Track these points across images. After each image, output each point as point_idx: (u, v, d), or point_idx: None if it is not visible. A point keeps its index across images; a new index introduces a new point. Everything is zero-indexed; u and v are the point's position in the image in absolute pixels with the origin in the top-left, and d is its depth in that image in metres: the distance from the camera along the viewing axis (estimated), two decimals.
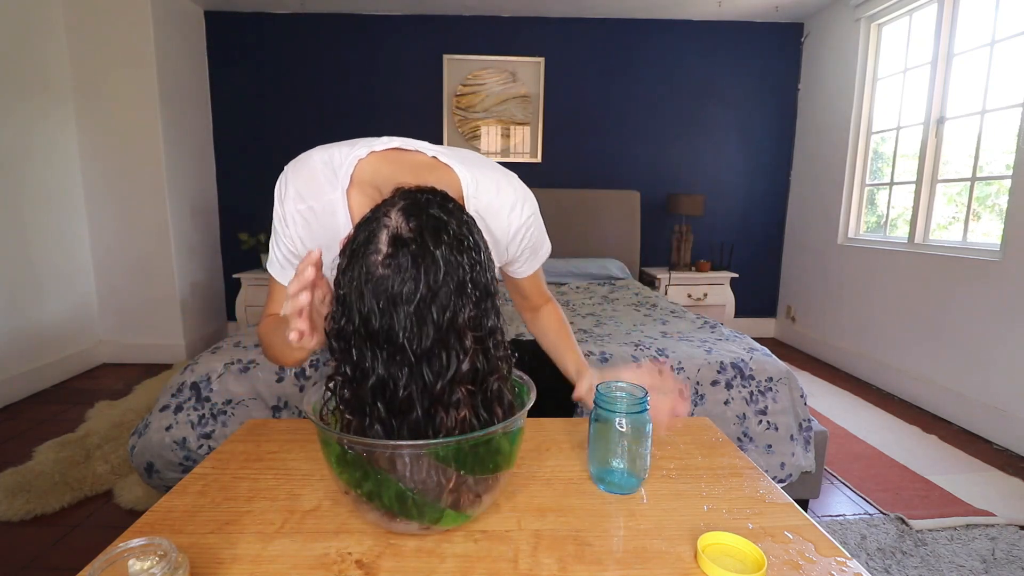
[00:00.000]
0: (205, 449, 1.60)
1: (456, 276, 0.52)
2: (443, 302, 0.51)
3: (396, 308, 0.50)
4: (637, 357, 1.75)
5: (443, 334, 0.51)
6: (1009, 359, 2.30)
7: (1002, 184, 2.51)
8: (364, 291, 0.51)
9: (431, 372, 0.51)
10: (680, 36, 3.83)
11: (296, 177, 0.76)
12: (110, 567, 0.45)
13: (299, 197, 0.76)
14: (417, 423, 0.52)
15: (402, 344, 0.51)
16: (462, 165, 0.76)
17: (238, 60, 3.75)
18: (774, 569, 0.54)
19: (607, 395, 0.71)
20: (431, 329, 0.51)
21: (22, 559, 1.51)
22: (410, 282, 0.50)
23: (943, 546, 1.59)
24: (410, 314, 0.50)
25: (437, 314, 0.51)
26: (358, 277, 0.52)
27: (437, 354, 0.51)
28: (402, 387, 0.51)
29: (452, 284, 0.52)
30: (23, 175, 2.79)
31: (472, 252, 0.55)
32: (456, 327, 0.52)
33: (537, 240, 0.86)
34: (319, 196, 0.75)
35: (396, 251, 0.51)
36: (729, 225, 4.06)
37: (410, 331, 0.50)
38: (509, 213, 0.80)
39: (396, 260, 0.51)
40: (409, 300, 0.50)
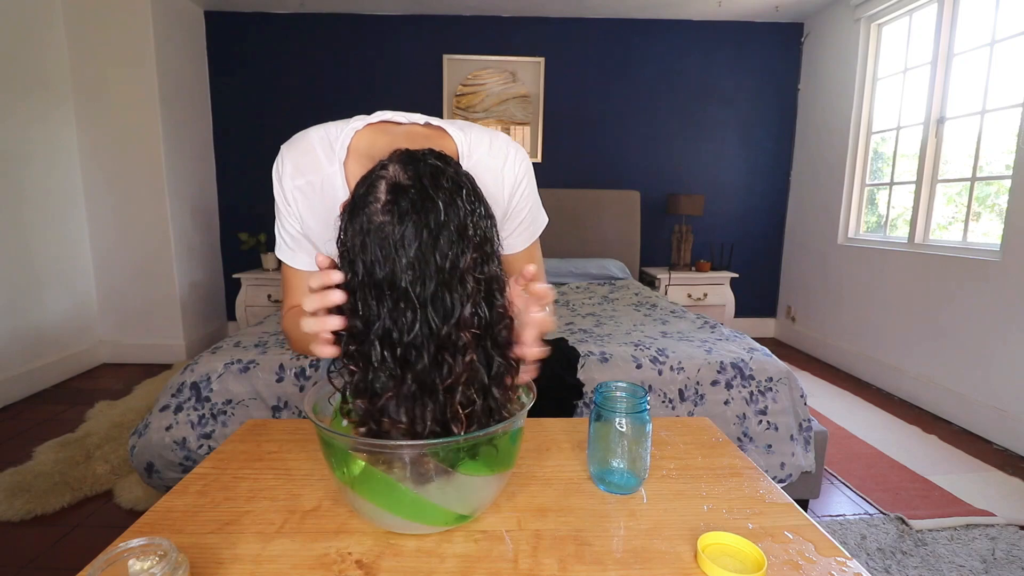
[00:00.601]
0: (205, 449, 1.60)
1: (456, 219, 0.52)
2: (444, 246, 0.51)
3: (398, 253, 0.50)
4: (637, 357, 1.75)
5: (446, 277, 0.51)
6: (1009, 359, 2.30)
7: (1002, 184, 2.51)
8: (366, 241, 0.51)
9: (436, 316, 0.51)
10: (680, 36, 3.83)
11: (292, 153, 0.77)
12: (110, 567, 0.45)
13: (297, 172, 0.76)
14: (424, 371, 0.51)
15: (405, 289, 0.50)
16: (455, 127, 0.78)
17: (238, 60, 3.75)
18: (774, 569, 0.54)
19: (607, 395, 0.71)
20: (434, 273, 0.51)
21: (22, 559, 1.51)
22: (410, 226, 0.50)
23: (943, 546, 1.59)
24: (412, 259, 0.50)
25: (439, 258, 0.51)
26: (359, 228, 0.52)
27: (441, 298, 0.51)
28: (406, 332, 0.51)
29: (453, 227, 0.52)
30: (23, 175, 2.79)
31: (471, 198, 0.55)
32: (459, 270, 0.52)
33: (534, 204, 0.85)
34: (317, 170, 0.75)
35: (395, 198, 0.52)
36: (729, 225, 4.06)
37: (413, 276, 0.50)
38: (503, 166, 0.79)
39: (395, 206, 0.51)
40: (410, 245, 0.50)
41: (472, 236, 0.53)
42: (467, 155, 0.77)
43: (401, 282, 0.50)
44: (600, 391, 0.71)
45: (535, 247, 0.90)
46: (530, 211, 0.85)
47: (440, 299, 0.51)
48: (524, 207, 0.83)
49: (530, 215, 0.85)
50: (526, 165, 0.82)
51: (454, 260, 0.51)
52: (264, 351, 1.75)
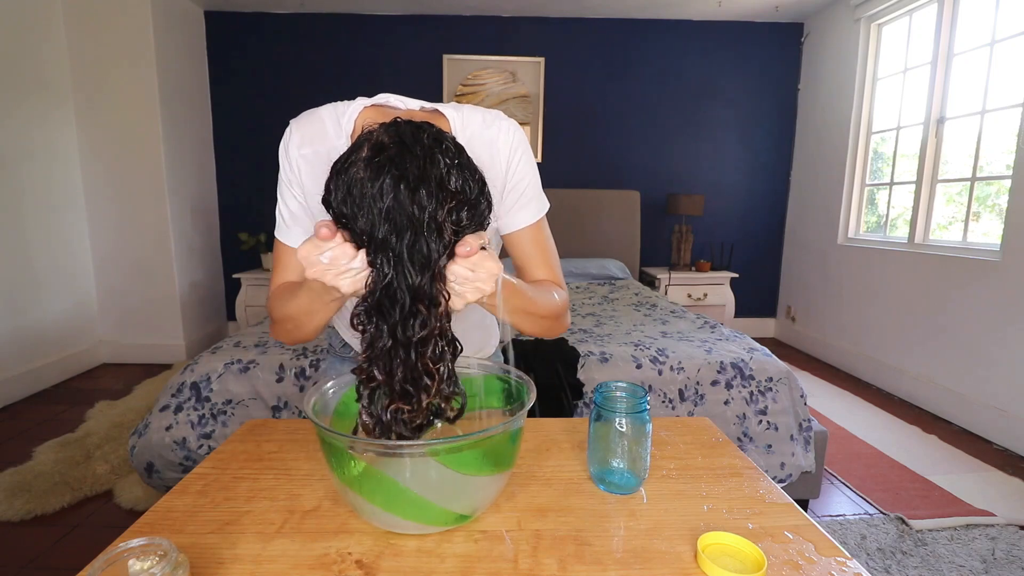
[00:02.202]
0: (205, 449, 1.60)
1: (436, 173, 0.53)
2: (423, 198, 0.52)
3: (376, 205, 0.51)
4: (637, 357, 1.75)
5: (423, 228, 0.52)
6: (1009, 359, 2.30)
7: (1002, 184, 2.51)
8: (347, 196, 0.53)
9: (413, 268, 0.52)
10: (680, 36, 3.83)
11: (301, 125, 0.78)
12: (110, 567, 0.45)
13: (304, 142, 0.77)
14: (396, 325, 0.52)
15: (383, 240, 0.52)
16: (449, 107, 0.79)
17: (238, 60, 3.75)
18: (774, 569, 0.54)
19: (607, 395, 0.71)
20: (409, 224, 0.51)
21: (22, 559, 1.51)
22: (388, 179, 0.52)
23: (943, 546, 1.59)
24: (389, 210, 0.51)
25: (417, 210, 0.52)
26: (341, 184, 0.54)
27: (419, 249, 0.52)
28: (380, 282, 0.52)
29: (432, 180, 0.53)
30: (23, 175, 2.79)
31: (451, 154, 0.56)
32: (437, 222, 0.52)
33: (533, 178, 0.83)
34: (324, 141, 0.77)
35: (375, 155, 0.53)
36: (729, 225, 4.06)
37: (389, 227, 0.51)
38: (497, 137, 0.79)
39: (375, 162, 0.53)
40: (387, 196, 0.51)
41: (453, 190, 0.54)
42: (460, 130, 0.78)
43: (379, 233, 0.51)
44: (600, 391, 0.71)
45: (541, 231, 0.85)
46: (530, 184, 0.82)
47: (418, 250, 0.52)
48: (523, 179, 0.81)
49: (531, 189, 0.82)
50: (520, 136, 0.81)
51: (432, 212, 0.52)
52: (264, 351, 1.75)
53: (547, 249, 0.86)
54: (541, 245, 0.85)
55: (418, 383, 0.53)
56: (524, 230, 0.83)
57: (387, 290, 0.52)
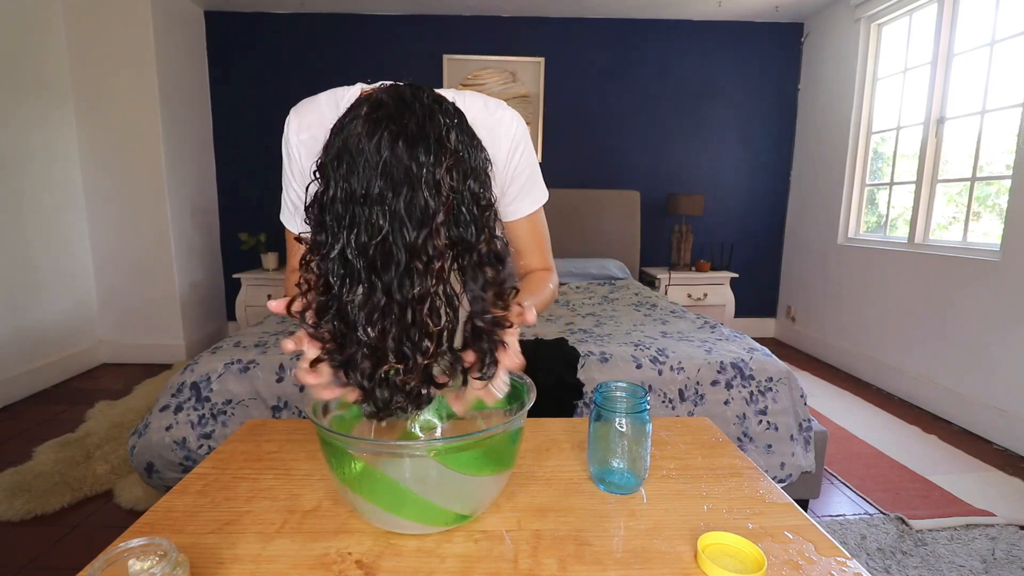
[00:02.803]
0: (205, 449, 1.60)
1: (435, 131, 0.52)
2: (421, 155, 0.51)
3: (371, 161, 0.50)
4: (637, 357, 1.75)
5: (421, 184, 0.50)
6: (1009, 359, 2.30)
7: (1002, 184, 2.51)
8: (342, 153, 0.52)
9: (410, 223, 0.50)
10: (680, 36, 3.83)
11: (299, 112, 0.79)
12: (110, 567, 0.45)
13: (302, 128, 0.78)
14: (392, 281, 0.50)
15: (379, 194, 0.50)
16: (450, 92, 0.80)
17: (238, 60, 3.75)
18: (774, 569, 0.54)
19: (607, 395, 0.71)
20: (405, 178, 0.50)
21: (22, 559, 1.51)
22: (386, 135, 0.51)
23: (943, 546, 1.59)
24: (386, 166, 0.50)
25: (415, 167, 0.50)
26: (338, 142, 0.53)
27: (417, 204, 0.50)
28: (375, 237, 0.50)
29: (431, 137, 0.52)
30: (23, 175, 2.79)
31: (452, 114, 0.55)
32: (435, 179, 0.51)
33: (534, 168, 0.84)
34: (321, 126, 0.77)
35: (373, 111, 0.52)
36: (729, 225, 4.06)
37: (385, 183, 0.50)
38: (498, 126, 0.80)
39: (372, 117, 0.52)
40: (384, 151, 0.50)
41: (452, 148, 0.53)
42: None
43: (374, 189, 0.50)
44: (600, 391, 0.71)
45: (538, 219, 0.88)
46: (531, 175, 0.84)
47: (415, 206, 0.50)
48: (525, 169, 0.83)
49: (531, 179, 0.84)
50: (522, 127, 0.82)
51: (431, 168, 0.51)
52: (264, 351, 1.75)
53: (542, 236, 0.90)
54: (537, 233, 0.88)
55: (415, 343, 0.51)
56: (523, 219, 0.85)
57: (382, 246, 0.50)
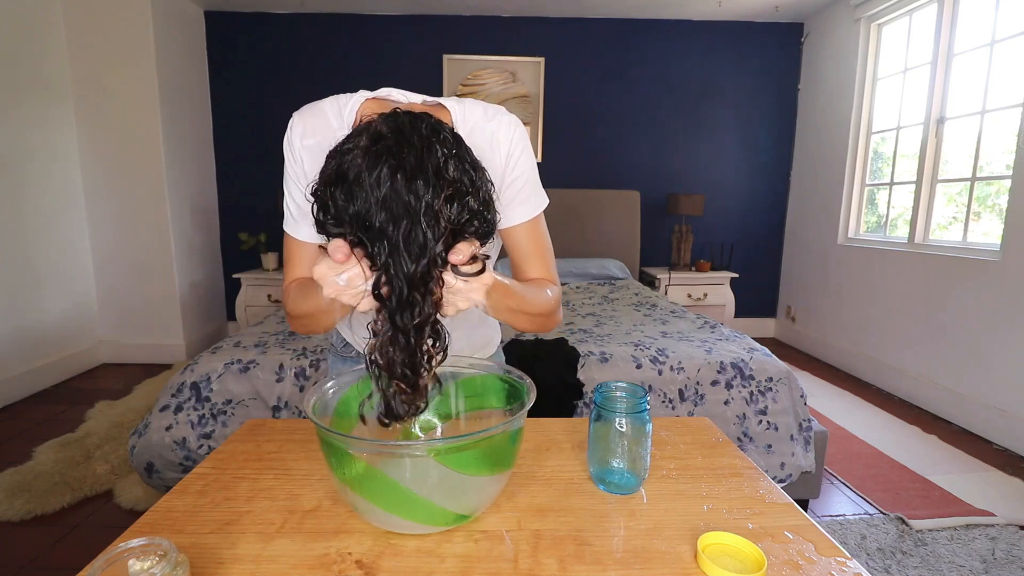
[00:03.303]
0: (205, 449, 1.60)
1: (433, 163, 0.53)
2: (419, 188, 0.52)
3: (372, 194, 0.51)
4: (637, 357, 1.75)
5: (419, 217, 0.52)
6: (1009, 359, 2.30)
7: (1002, 184, 2.51)
8: (340, 182, 0.53)
9: (409, 256, 0.51)
10: (680, 36, 3.83)
11: (303, 117, 0.79)
12: (110, 567, 0.45)
13: (306, 133, 0.78)
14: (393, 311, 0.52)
15: (379, 229, 0.51)
16: (450, 100, 0.80)
17: (238, 60, 3.75)
18: (774, 569, 0.54)
19: (607, 395, 0.71)
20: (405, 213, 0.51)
21: (22, 559, 1.51)
22: (385, 169, 0.52)
23: (943, 546, 1.59)
24: (385, 199, 0.51)
25: (413, 199, 0.51)
26: (337, 172, 0.54)
27: (415, 237, 0.52)
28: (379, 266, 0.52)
29: (429, 170, 0.53)
30: (23, 175, 2.79)
31: (450, 143, 0.56)
32: (433, 211, 0.52)
33: (532, 174, 0.84)
34: (326, 131, 0.77)
35: (372, 144, 0.53)
36: (729, 225, 4.06)
37: (386, 216, 0.51)
38: (497, 130, 0.80)
39: (372, 151, 0.53)
40: (383, 185, 0.51)
41: (450, 179, 0.54)
42: (461, 122, 0.79)
43: (375, 222, 0.51)
44: (600, 391, 0.71)
45: (539, 227, 0.86)
46: (528, 181, 0.83)
47: (413, 238, 0.51)
48: (522, 174, 0.82)
49: (529, 185, 0.83)
50: (521, 132, 0.82)
51: (429, 201, 0.52)
52: (264, 351, 1.75)
53: (543, 246, 0.86)
54: (538, 241, 0.85)
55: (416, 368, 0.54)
56: (521, 226, 0.83)
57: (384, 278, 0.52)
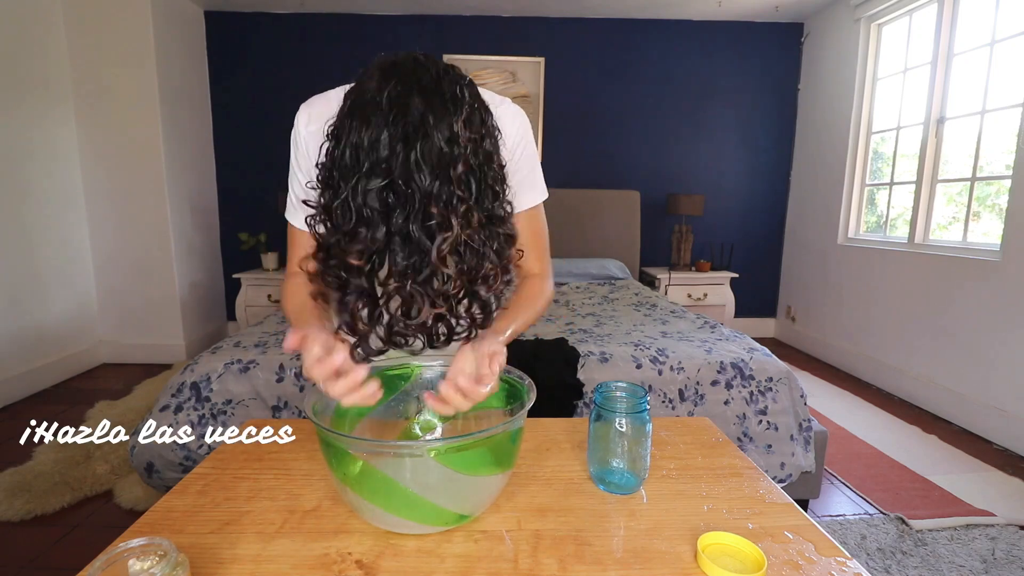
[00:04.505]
0: (205, 449, 1.60)
1: (448, 88, 0.53)
2: (436, 106, 0.52)
3: (387, 117, 0.51)
4: (637, 357, 1.75)
5: (437, 137, 0.51)
6: (1009, 359, 2.30)
7: (1002, 184, 2.51)
8: (355, 109, 0.53)
9: (427, 170, 0.51)
10: (680, 36, 3.83)
11: (310, 105, 0.80)
12: (110, 567, 0.45)
13: (311, 120, 0.79)
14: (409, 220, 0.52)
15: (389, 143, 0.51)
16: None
17: (238, 60, 3.75)
18: (774, 569, 0.54)
19: (607, 395, 0.71)
20: (421, 132, 0.51)
21: (22, 559, 1.51)
22: (401, 88, 0.52)
23: (943, 546, 1.59)
24: (401, 121, 0.51)
25: (432, 119, 0.51)
26: (353, 102, 0.54)
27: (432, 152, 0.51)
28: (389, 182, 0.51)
29: (446, 93, 0.53)
30: (23, 175, 2.79)
31: (463, 77, 0.56)
32: (452, 132, 0.52)
33: (535, 164, 0.86)
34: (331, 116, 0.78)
35: (388, 69, 0.54)
36: (729, 225, 4.06)
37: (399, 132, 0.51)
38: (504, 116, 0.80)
39: (387, 75, 0.53)
40: (398, 105, 0.51)
41: (468, 103, 0.54)
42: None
43: (385, 137, 0.51)
44: (600, 391, 0.71)
45: (538, 217, 0.89)
46: (531, 170, 0.86)
47: (430, 153, 0.51)
48: (526, 164, 0.84)
49: (532, 174, 0.86)
50: (526, 123, 0.84)
51: (447, 120, 0.52)
52: (264, 351, 1.75)
53: (541, 237, 0.89)
54: (536, 232, 0.88)
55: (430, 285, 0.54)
56: (522, 214, 0.85)
57: (393, 190, 0.52)
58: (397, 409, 0.76)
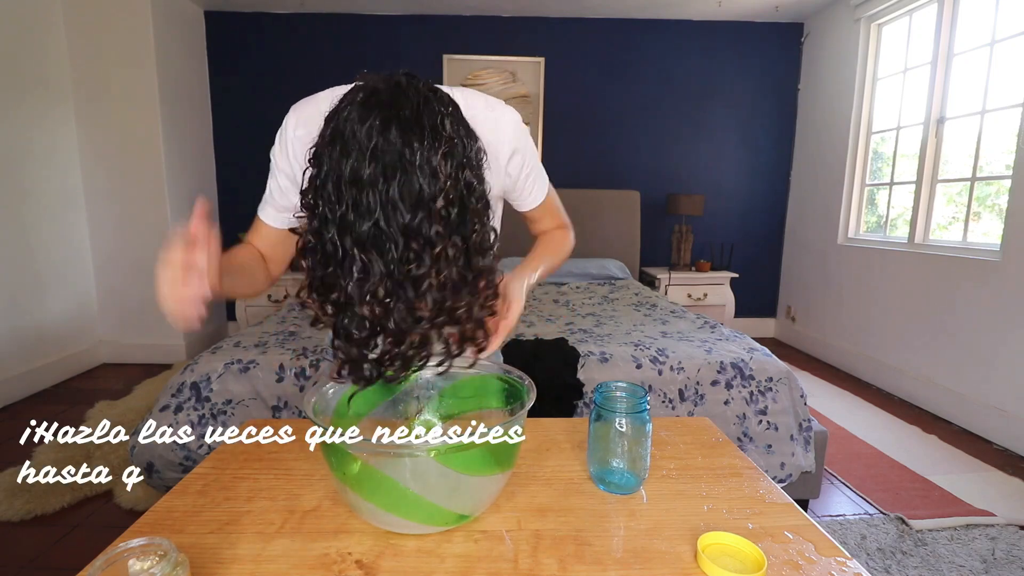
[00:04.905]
0: (205, 449, 1.60)
1: (429, 120, 0.53)
2: (414, 140, 0.51)
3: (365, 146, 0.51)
4: (637, 357, 1.75)
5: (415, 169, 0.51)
6: (1009, 359, 2.30)
7: (1002, 184, 2.51)
8: (335, 139, 0.52)
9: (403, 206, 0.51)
10: (680, 36, 3.83)
11: (298, 109, 0.80)
12: (110, 567, 0.45)
13: (298, 124, 0.79)
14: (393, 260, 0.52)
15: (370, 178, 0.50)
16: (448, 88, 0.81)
17: (238, 60, 3.75)
18: (774, 569, 0.54)
19: (607, 395, 0.71)
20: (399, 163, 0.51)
21: (22, 559, 1.51)
22: (379, 120, 0.51)
23: (943, 546, 1.59)
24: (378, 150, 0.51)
25: (408, 152, 0.51)
26: (332, 127, 0.53)
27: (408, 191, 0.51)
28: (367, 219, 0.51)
29: (426, 126, 0.52)
30: (23, 175, 2.79)
31: (447, 103, 0.56)
32: (430, 165, 0.52)
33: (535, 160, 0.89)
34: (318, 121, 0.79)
35: (368, 98, 0.53)
36: (729, 225, 4.06)
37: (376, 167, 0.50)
38: (499, 121, 0.81)
39: (367, 103, 0.53)
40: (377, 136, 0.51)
41: (447, 136, 0.53)
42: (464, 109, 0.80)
43: (365, 173, 0.51)
44: (600, 391, 0.71)
45: (550, 196, 0.96)
46: (534, 168, 0.89)
47: (408, 190, 0.51)
48: (528, 165, 0.87)
49: (535, 171, 0.90)
50: (523, 127, 0.85)
51: (426, 154, 0.51)
52: (264, 351, 1.75)
53: (555, 207, 0.99)
54: (550, 208, 0.97)
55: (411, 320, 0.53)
56: (537, 206, 0.95)
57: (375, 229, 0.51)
58: (397, 409, 0.76)
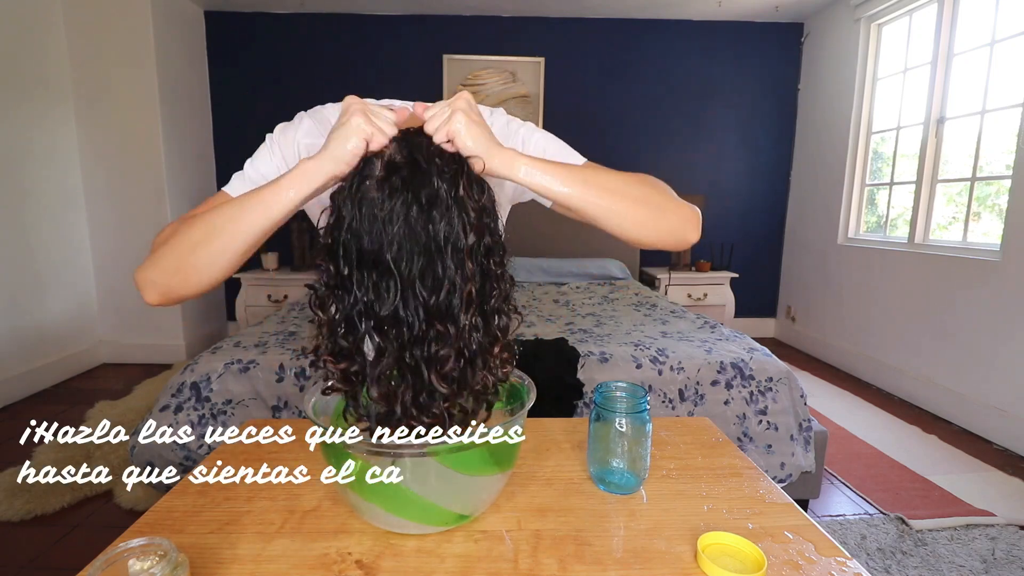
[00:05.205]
0: (205, 449, 1.60)
1: (452, 195, 0.53)
2: (437, 220, 0.52)
3: (386, 229, 0.51)
4: (637, 357, 1.75)
5: (437, 251, 0.52)
6: (1009, 359, 2.30)
7: (1002, 184, 2.51)
8: (355, 213, 0.53)
9: (424, 289, 0.51)
10: (680, 36, 3.83)
11: (311, 118, 0.80)
12: (110, 567, 0.45)
13: (309, 133, 0.79)
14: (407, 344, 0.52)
15: (388, 265, 0.51)
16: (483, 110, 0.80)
17: (238, 60, 3.75)
18: (774, 569, 0.54)
19: (607, 395, 0.71)
20: (422, 247, 0.51)
21: (22, 559, 1.51)
22: (400, 202, 0.52)
23: (943, 546, 1.59)
24: (398, 234, 0.51)
25: (428, 233, 0.51)
26: (353, 201, 0.54)
27: (432, 272, 0.51)
28: (387, 305, 0.51)
29: (447, 202, 0.52)
30: (23, 175, 2.79)
31: (467, 174, 0.56)
32: (451, 245, 0.52)
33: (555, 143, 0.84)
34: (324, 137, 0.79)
35: (388, 175, 0.53)
36: (729, 225, 4.06)
37: (398, 250, 0.51)
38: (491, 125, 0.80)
39: (387, 182, 0.53)
40: (398, 219, 0.51)
41: (469, 213, 0.54)
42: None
43: (386, 256, 0.51)
44: (600, 391, 0.71)
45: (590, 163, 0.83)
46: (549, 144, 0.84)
47: (430, 272, 0.52)
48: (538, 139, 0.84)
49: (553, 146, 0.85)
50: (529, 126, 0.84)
51: (447, 234, 0.52)
52: (264, 351, 1.75)
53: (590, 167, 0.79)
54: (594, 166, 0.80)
55: (424, 406, 0.53)
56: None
57: (394, 311, 0.52)
58: None
